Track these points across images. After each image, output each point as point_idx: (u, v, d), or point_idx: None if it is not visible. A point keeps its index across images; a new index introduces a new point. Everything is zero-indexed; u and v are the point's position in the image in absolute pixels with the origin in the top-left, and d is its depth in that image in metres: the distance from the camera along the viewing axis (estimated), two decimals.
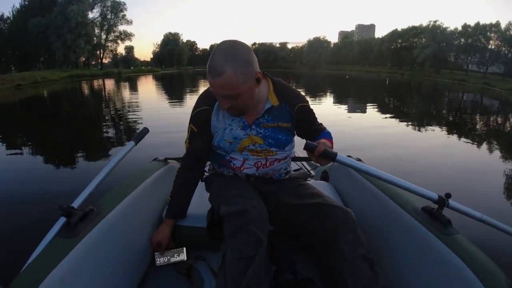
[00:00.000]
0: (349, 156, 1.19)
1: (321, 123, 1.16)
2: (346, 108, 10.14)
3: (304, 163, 2.22)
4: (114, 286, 0.89)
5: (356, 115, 8.63)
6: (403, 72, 45.93)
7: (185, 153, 1.13)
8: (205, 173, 1.30)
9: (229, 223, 0.88)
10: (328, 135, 1.07)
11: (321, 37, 71.94)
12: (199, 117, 1.08)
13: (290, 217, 1.00)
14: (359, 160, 1.41)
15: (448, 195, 0.89)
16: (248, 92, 0.93)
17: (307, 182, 1.19)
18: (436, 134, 6.21)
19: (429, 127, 7.04)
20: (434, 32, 42.72)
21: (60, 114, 9.40)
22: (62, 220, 0.85)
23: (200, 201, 1.23)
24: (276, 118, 1.06)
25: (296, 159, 1.86)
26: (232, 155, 1.10)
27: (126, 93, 16.57)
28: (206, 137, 1.09)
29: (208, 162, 1.28)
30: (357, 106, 10.67)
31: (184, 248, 1.14)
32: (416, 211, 0.97)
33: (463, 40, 40.39)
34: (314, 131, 1.11)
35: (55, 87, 20.74)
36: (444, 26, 43.04)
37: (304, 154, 1.07)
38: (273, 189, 1.08)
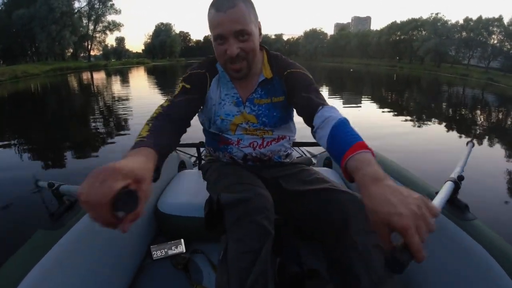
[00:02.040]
0: None
1: (320, 97, 0.87)
2: (385, 115, 7.96)
3: (304, 149, 2.12)
4: (104, 281, 0.83)
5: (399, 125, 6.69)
6: (402, 66, 45.28)
7: (161, 106, 0.84)
8: (202, 161, 1.43)
9: (231, 213, 0.79)
10: (344, 127, 0.71)
11: (318, 29, 70.74)
12: (195, 77, 0.96)
13: (294, 204, 0.93)
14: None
15: (461, 178, 0.81)
16: (254, 38, 0.86)
17: (311, 167, 1.08)
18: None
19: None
20: (435, 25, 42.12)
21: (40, 112, 8.59)
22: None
23: (197, 190, 1.21)
24: (269, 93, 0.98)
25: (296, 144, 1.69)
26: (225, 135, 1.02)
27: (113, 87, 15.53)
28: (196, 97, 0.93)
29: (203, 149, 1.36)
30: (395, 113, 8.27)
31: (182, 240, 1.10)
32: (430, 196, 0.83)
33: (464, 34, 39.57)
34: (307, 103, 0.85)
35: (35, 82, 19.36)
36: (445, 19, 42.61)
37: (304, 139, 1.10)
38: (274, 175, 1.02)
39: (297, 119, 1.02)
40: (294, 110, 0.97)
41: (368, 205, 0.49)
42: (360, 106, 8.99)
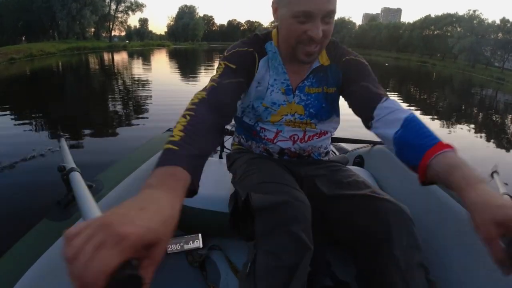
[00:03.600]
0: None
1: (380, 88, 0.79)
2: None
3: (331, 145, 1.79)
4: None
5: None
6: (435, 62, 42.62)
7: (204, 89, 0.71)
8: (226, 150, 1.30)
9: (263, 219, 0.68)
10: (418, 125, 0.64)
11: (347, 18, 67.61)
12: (241, 56, 0.82)
13: (329, 208, 0.82)
14: None
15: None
16: (333, 22, 0.76)
17: (349, 168, 0.97)
18: None
19: None
20: (472, 22, 39.78)
21: (54, 91, 8.28)
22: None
23: (218, 182, 1.12)
24: (322, 81, 0.88)
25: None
26: (263, 125, 0.92)
27: (130, 69, 15.03)
28: (243, 79, 0.79)
29: (230, 138, 1.25)
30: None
31: (200, 235, 1.03)
32: None
33: (500, 35, 37.23)
34: (367, 97, 0.77)
35: (51, 61, 19.19)
36: (481, 17, 40.18)
37: (336, 133, 0.99)
38: (310, 173, 0.91)
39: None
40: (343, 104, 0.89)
41: (479, 208, 0.44)
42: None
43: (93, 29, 38.24)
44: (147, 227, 0.33)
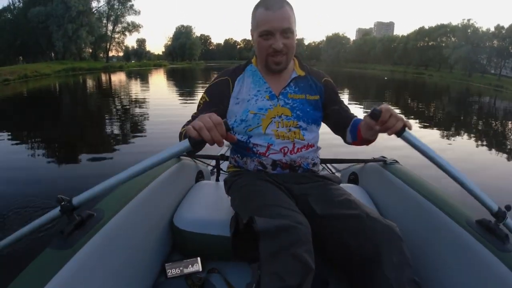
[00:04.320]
0: (383, 157, 1.44)
1: (350, 110, 1.11)
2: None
3: (329, 165, 1.96)
4: None
5: None
6: (432, 73, 42.82)
7: (188, 121, 0.98)
8: (222, 173, 1.40)
9: (269, 242, 0.71)
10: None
11: (341, 34, 68.77)
12: (215, 88, 1.06)
13: (321, 228, 0.84)
14: (396, 161, 1.39)
15: (509, 208, 0.78)
16: (294, 38, 0.97)
17: (341, 186, 1.05)
18: None
19: None
20: (466, 31, 40.11)
21: (46, 116, 7.79)
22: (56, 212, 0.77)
23: (216, 205, 1.16)
24: (303, 90, 1.06)
25: (321, 161, 1.49)
26: (255, 141, 1.02)
27: (127, 92, 14.58)
28: (219, 108, 1.02)
29: (226, 162, 1.28)
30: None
31: (199, 258, 1.05)
32: (469, 224, 0.85)
33: (495, 42, 37.47)
34: (344, 116, 1.06)
35: (45, 82, 18.88)
36: (476, 26, 40.45)
37: (330, 155, 1.17)
38: (303, 191, 0.97)
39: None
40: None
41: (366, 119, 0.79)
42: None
43: (90, 50, 38.40)
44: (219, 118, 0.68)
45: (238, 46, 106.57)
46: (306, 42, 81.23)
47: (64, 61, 30.17)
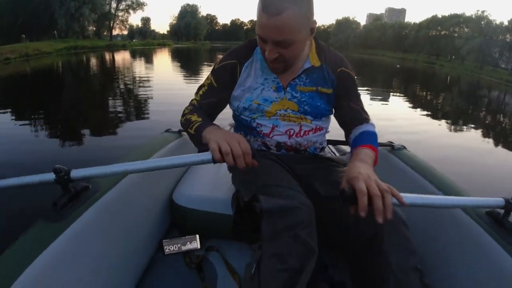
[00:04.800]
0: (390, 142, 1.36)
1: (365, 112, 0.97)
2: None
3: (332, 147, 1.82)
4: (111, 276, 0.78)
5: None
6: (443, 64, 41.59)
7: (191, 104, 0.97)
8: None
9: (271, 222, 0.69)
10: (371, 136, 0.89)
11: (351, 18, 66.87)
12: (224, 71, 0.94)
13: (323, 209, 0.80)
14: (403, 147, 1.33)
15: None
16: (301, 43, 0.80)
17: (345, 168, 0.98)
18: None
19: None
20: (479, 23, 38.89)
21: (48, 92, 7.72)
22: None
23: (217, 182, 1.13)
24: (315, 81, 0.92)
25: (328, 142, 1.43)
26: (259, 121, 0.94)
27: (129, 71, 14.27)
28: (224, 95, 0.95)
29: None
30: None
31: (197, 236, 1.03)
32: (478, 215, 0.82)
33: (508, 36, 36.50)
34: (355, 116, 0.95)
35: (47, 61, 18.60)
36: (489, 18, 39.19)
37: (334, 136, 1.06)
38: (307, 171, 0.92)
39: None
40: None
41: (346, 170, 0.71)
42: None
43: (93, 28, 37.77)
44: (238, 137, 0.70)
45: (245, 27, 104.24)
46: None
47: (67, 39, 29.73)
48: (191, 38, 61.31)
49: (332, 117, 1.01)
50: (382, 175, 1.25)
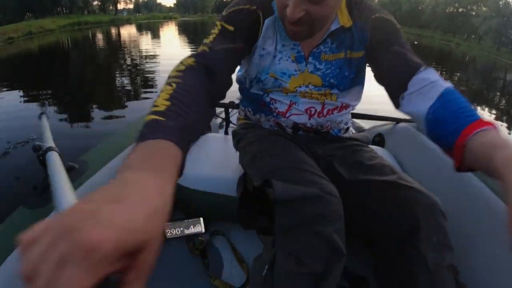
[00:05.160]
0: None
1: (416, 56, 0.65)
2: None
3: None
4: None
5: None
6: (459, 42, 39.80)
7: (198, 52, 0.60)
8: (232, 126, 1.14)
9: (287, 214, 0.56)
10: (456, 98, 0.52)
11: None
12: (241, 17, 0.68)
13: (346, 196, 0.64)
14: None
15: None
16: (331, 2, 0.60)
17: (371, 148, 0.83)
18: None
19: None
20: (498, 3, 36.97)
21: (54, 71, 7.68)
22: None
23: (223, 161, 1.01)
24: (344, 45, 0.72)
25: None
26: (274, 96, 0.77)
27: (139, 42, 14.69)
28: (242, 47, 0.66)
29: (236, 112, 1.11)
30: None
31: (201, 219, 0.83)
32: None
33: None
34: (406, 60, 0.62)
35: (50, 38, 18.53)
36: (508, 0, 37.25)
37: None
38: (328, 152, 0.78)
39: None
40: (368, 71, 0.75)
41: None
42: None
43: (99, 3, 37.07)
44: (128, 227, 0.23)
45: None
46: None
47: (70, 16, 29.37)
48: (198, 11, 59.76)
49: (362, 91, 0.82)
50: (406, 155, 1.13)
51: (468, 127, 0.44)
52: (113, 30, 23.76)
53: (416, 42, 29.23)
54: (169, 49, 11.75)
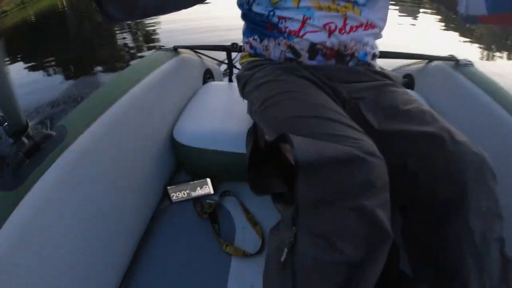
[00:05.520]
0: (452, 56, 1.07)
1: None
2: None
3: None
4: (107, 235, 0.65)
5: None
6: None
7: None
8: (237, 71, 0.95)
9: (313, 182, 0.42)
10: None
11: None
12: None
13: (377, 147, 0.50)
14: (471, 63, 1.04)
15: None
16: None
17: (407, 91, 0.69)
18: None
19: None
20: None
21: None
22: None
23: (228, 111, 0.92)
24: None
25: None
26: (282, 12, 0.66)
27: None
28: None
29: (236, 56, 1.03)
30: None
31: (209, 180, 0.87)
32: None
33: None
34: None
35: (43, 3, 17.81)
36: None
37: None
38: (353, 93, 0.65)
39: None
40: None
41: None
42: None
43: None
44: None
45: None
46: None
47: None
48: None
49: (387, 10, 0.70)
50: (440, 98, 1.01)
51: None
52: None
53: None
54: None
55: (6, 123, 0.51)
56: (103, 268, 0.62)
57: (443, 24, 4.96)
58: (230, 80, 1.27)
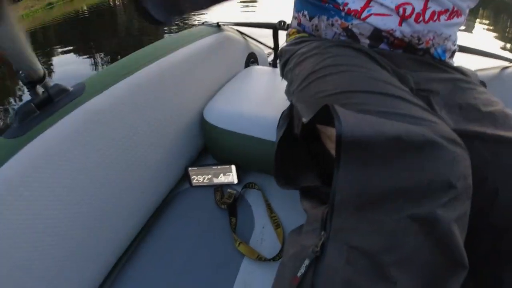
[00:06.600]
0: None
1: None
2: None
3: None
4: (113, 209, 0.61)
5: None
6: None
7: None
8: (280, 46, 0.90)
9: (363, 172, 0.31)
10: None
11: None
12: None
13: None
14: None
15: None
16: None
17: (486, 90, 0.54)
18: None
19: None
20: None
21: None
22: None
23: (267, 97, 0.84)
24: None
25: None
26: None
27: None
28: None
29: (282, 34, 0.84)
30: None
31: (233, 167, 0.80)
32: None
33: None
34: None
35: (74, 5, 18.27)
36: None
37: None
38: (424, 84, 0.51)
39: None
40: None
41: None
42: None
43: None
44: None
45: None
46: None
47: None
48: None
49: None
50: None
51: None
52: None
53: None
54: None
55: (21, 72, 0.51)
56: (97, 242, 0.58)
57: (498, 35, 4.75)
58: (275, 66, 1.14)
